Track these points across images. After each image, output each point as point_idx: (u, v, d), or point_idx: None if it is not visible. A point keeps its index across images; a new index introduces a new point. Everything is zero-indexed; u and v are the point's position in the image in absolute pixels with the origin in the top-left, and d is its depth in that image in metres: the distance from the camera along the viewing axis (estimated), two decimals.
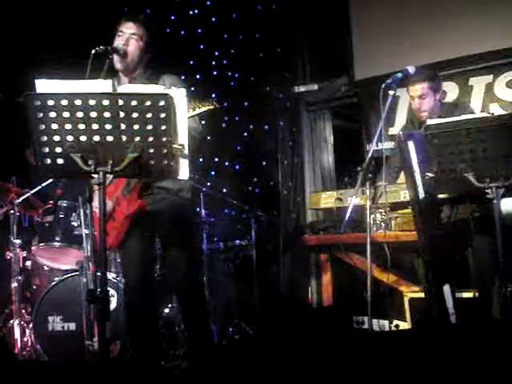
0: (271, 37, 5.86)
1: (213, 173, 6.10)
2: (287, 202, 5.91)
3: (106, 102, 2.29)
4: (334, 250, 4.40)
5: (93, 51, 2.99)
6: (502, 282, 2.93)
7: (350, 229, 3.98)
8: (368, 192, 3.44)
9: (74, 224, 4.33)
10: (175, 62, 5.46)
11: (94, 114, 2.30)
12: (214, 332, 4.53)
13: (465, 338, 2.57)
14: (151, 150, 2.36)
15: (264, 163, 6.13)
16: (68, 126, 2.31)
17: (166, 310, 4.51)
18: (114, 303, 4.12)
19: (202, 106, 3.04)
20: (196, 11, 6.11)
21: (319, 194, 4.34)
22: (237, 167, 6.18)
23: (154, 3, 5.63)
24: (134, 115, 2.31)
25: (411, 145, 3.27)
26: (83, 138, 2.32)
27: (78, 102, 2.28)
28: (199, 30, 6.11)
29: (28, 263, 4.64)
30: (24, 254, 4.49)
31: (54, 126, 2.31)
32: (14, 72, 4.89)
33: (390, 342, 2.72)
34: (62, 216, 4.38)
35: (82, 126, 2.31)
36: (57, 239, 4.34)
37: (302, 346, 2.75)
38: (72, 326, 4.21)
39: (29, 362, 3.93)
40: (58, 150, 2.34)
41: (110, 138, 2.33)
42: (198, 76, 5.91)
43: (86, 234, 4.00)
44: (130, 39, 3.20)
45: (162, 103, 2.31)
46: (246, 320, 4.90)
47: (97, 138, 2.33)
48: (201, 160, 5.76)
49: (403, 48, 5.09)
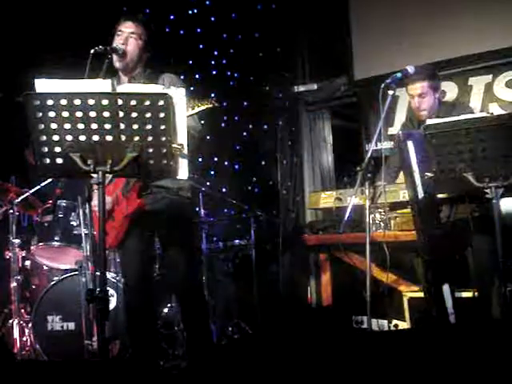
0: (271, 36, 5.85)
1: (212, 172, 6.09)
2: (286, 202, 5.91)
3: (105, 101, 2.28)
4: (334, 249, 4.39)
5: (92, 51, 3.00)
6: (502, 281, 2.93)
7: (350, 228, 3.97)
8: (367, 192, 3.43)
9: (74, 224, 4.34)
10: (174, 62, 5.45)
11: (93, 114, 2.29)
12: (214, 332, 4.53)
13: (464, 337, 2.56)
14: (150, 150, 2.36)
15: (263, 163, 6.13)
16: (67, 125, 2.31)
17: (166, 310, 4.51)
18: (113, 303, 4.12)
19: (201, 105, 3.04)
20: (195, 11, 6.11)
21: (318, 193, 4.34)
22: (236, 167, 6.18)
23: (153, 3, 5.61)
24: (134, 115, 2.31)
25: (410, 144, 3.27)
26: (82, 137, 2.32)
27: (77, 102, 2.28)
28: (198, 30, 6.10)
29: (27, 263, 4.64)
30: (23, 254, 4.49)
31: (54, 126, 2.31)
32: (14, 72, 4.88)
33: (389, 341, 2.72)
34: (61, 216, 4.39)
35: (81, 126, 2.31)
36: (56, 239, 4.35)
37: (302, 346, 2.75)
38: (71, 326, 4.21)
39: (28, 362, 3.93)
40: (58, 149, 2.34)
41: (109, 138, 2.33)
42: (197, 75, 5.91)
43: (85, 234, 4.02)
44: (129, 38, 3.20)
45: (161, 103, 2.31)
46: (245, 320, 4.89)
47: (96, 137, 2.32)
48: (200, 160, 5.76)
49: (403, 48, 5.09)
